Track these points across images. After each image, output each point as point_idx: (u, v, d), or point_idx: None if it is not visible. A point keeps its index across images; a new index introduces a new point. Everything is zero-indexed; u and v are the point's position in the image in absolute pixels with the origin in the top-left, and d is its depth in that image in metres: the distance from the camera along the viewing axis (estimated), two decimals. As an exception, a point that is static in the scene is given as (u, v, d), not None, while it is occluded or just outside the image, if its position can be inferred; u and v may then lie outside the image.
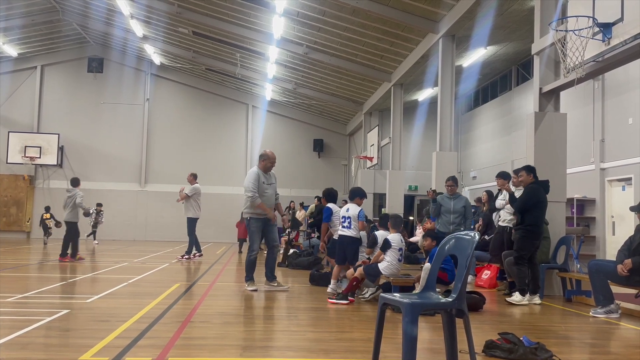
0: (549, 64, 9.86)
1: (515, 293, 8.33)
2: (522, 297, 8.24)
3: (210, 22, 19.65)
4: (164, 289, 8.74)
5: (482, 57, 18.34)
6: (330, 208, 9.32)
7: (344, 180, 29.17)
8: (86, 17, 23.37)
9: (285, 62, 21.81)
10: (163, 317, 6.29)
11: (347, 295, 7.83)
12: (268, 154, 8.94)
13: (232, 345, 5.17)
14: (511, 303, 8.20)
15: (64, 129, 26.79)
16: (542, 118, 9.69)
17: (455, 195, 10.34)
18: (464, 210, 10.18)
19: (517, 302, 8.19)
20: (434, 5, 14.02)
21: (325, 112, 28.54)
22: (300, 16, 17.03)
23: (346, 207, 8.47)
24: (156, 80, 28.18)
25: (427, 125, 24.10)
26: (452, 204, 10.22)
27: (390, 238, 7.96)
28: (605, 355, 5.28)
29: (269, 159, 8.87)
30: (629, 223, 12.90)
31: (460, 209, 10.15)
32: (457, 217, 10.10)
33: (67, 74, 27.61)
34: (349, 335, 5.78)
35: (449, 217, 10.16)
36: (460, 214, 10.15)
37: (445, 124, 14.68)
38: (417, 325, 3.78)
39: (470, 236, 4.01)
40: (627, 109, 13.88)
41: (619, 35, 7.57)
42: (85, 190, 26.78)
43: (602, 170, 14.61)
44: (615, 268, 7.07)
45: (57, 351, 4.72)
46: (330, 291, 8.13)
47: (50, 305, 7.03)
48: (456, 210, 10.15)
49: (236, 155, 28.37)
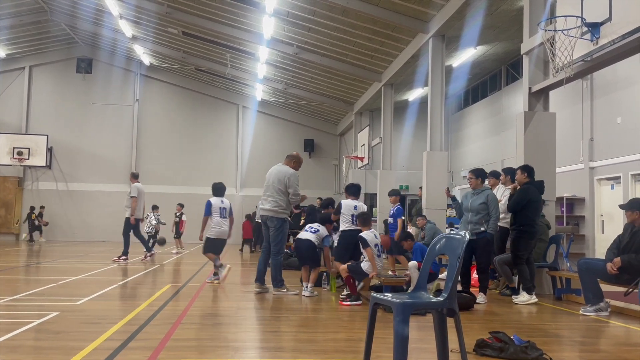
0: (538, 63, 9.91)
1: (522, 293, 8.34)
2: (530, 297, 8.25)
3: (200, 22, 19.59)
4: (154, 291, 8.71)
5: (472, 57, 18.40)
6: (210, 202, 10.03)
7: (335, 180, 29.18)
8: (75, 17, 23.22)
9: (275, 62, 21.78)
10: (154, 319, 6.26)
11: (358, 296, 7.89)
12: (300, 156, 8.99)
13: (223, 346, 5.15)
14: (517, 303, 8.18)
15: (52, 130, 26.61)
16: (532, 117, 9.74)
17: (478, 191, 8.60)
18: (484, 207, 8.42)
19: (524, 302, 8.19)
20: (424, 5, 14.05)
21: (316, 112, 28.54)
22: (291, 16, 17.02)
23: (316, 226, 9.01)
24: (146, 81, 28.05)
25: (417, 125, 24.16)
26: (471, 202, 8.64)
27: (364, 235, 8.05)
28: (595, 353, 5.31)
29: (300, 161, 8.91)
30: (618, 222, 13.00)
31: (478, 207, 8.44)
32: (475, 216, 8.44)
33: (55, 75, 27.43)
34: (341, 335, 5.78)
35: (467, 216, 8.64)
36: (479, 213, 8.43)
37: (436, 124, 14.72)
38: (409, 325, 3.78)
39: (461, 236, 4.02)
40: (615, 108, 13.99)
41: (607, 35, 7.62)
42: (75, 192, 26.81)
43: (591, 169, 14.71)
44: (605, 266, 7.12)
45: (47, 354, 4.68)
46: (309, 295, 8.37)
47: (40, 307, 6.98)
48: (474, 208, 8.49)
49: (227, 156, 28.30)
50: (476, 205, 8.46)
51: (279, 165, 8.79)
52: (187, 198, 24.33)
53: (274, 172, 8.71)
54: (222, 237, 10.20)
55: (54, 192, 26.73)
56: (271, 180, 8.63)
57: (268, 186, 8.63)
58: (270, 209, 8.53)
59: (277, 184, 8.54)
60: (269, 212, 8.54)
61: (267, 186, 8.64)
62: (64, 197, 26.26)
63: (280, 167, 8.74)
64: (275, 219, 8.52)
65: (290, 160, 8.81)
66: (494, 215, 8.43)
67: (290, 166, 8.75)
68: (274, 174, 8.67)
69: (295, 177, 8.65)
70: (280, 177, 8.57)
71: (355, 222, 8.52)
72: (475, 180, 8.63)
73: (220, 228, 10.13)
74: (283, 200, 8.54)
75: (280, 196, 8.52)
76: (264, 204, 8.62)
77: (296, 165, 8.80)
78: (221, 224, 10.14)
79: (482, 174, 8.70)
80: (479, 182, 8.62)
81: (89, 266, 13.11)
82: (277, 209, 8.52)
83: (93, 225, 25.52)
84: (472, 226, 8.41)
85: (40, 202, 25.88)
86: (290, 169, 8.69)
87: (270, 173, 8.75)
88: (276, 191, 8.52)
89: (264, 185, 8.73)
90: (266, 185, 8.68)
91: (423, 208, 14.37)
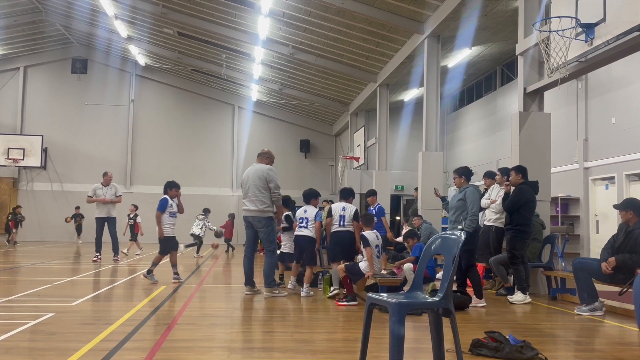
0: (533, 64, 9.94)
1: (517, 292, 8.37)
2: (524, 296, 8.28)
3: (195, 23, 19.56)
4: (150, 291, 8.69)
5: (467, 58, 18.44)
6: (167, 199, 10.09)
7: (331, 181, 29.19)
8: (70, 17, 23.15)
9: (271, 62, 21.77)
10: (149, 320, 6.26)
11: (354, 296, 7.93)
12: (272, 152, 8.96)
13: (219, 347, 5.15)
14: (513, 303, 8.21)
15: (47, 130, 26.50)
16: (527, 118, 9.77)
17: (462, 189, 8.24)
18: (462, 204, 8.05)
19: (520, 302, 8.22)
20: (419, 6, 14.07)
21: (311, 112, 28.54)
22: (286, 17, 17.01)
23: (303, 208, 9.14)
24: (141, 81, 27.99)
25: (412, 125, 24.21)
26: (450, 200, 8.59)
27: (366, 234, 8.10)
28: (590, 352, 5.33)
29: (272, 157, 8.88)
30: (613, 221, 13.05)
31: (456, 204, 8.15)
32: (453, 215, 8.19)
33: (50, 75, 27.33)
34: (337, 335, 5.79)
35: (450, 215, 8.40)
36: (457, 210, 8.12)
37: (431, 124, 14.75)
38: (404, 325, 3.79)
39: (456, 236, 4.03)
40: (610, 108, 14.04)
41: (601, 36, 7.66)
42: (69, 193, 26.70)
43: (585, 169, 14.76)
44: (600, 266, 7.15)
45: (42, 355, 4.67)
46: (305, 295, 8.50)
47: (35, 308, 6.96)
48: (452, 206, 8.26)
49: (222, 157, 28.26)
50: (454, 202, 8.21)
51: (253, 166, 8.73)
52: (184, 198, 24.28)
53: (250, 172, 8.63)
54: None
55: (48, 192, 26.63)
56: (250, 181, 8.51)
57: (249, 187, 8.50)
58: (256, 209, 8.43)
59: (257, 181, 8.45)
60: (255, 213, 8.44)
61: (248, 187, 8.51)
62: (59, 198, 26.17)
63: (256, 166, 8.68)
64: (262, 219, 8.44)
65: (263, 158, 8.76)
66: (470, 212, 7.91)
67: (265, 163, 8.73)
68: (251, 174, 8.59)
69: (273, 171, 8.62)
70: (259, 174, 8.49)
71: (343, 224, 8.61)
72: (459, 179, 8.35)
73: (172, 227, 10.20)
74: (266, 197, 8.46)
75: (262, 193, 8.44)
76: (249, 205, 8.50)
77: (269, 162, 8.76)
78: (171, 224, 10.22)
79: (465, 172, 8.39)
80: (462, 181, 8.29)
81: (84, 267, 13.08)
82: (262, 207, 8.43)
83: (88, 226, 25.35)
84: (451, 225, 8.20)
85: (35, 203, 25.82)
86: (265, 166, 8.66)
87: (247, 175, 8.64)
88: (258, 189, 8.43)
89: (243, 188, 8.62)
90: (246, 188, 8.54)
91: (419, 208, 14.41)
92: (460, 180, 8.34)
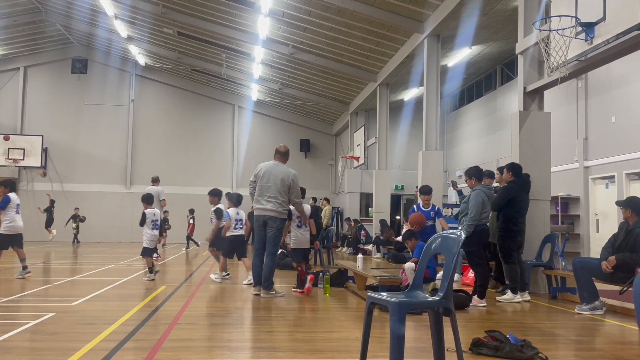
0: (532, 63, 9.94)
1: (507, 291, 8.37)
2: (514, 295, 8.28)
3: (195, 23, 19.56)
4: (150, 291, 8.69)
5: (467, 57, 18.44)
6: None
7: (331, 180, 29.19)
8: (70, 17, 23.16)
9: (271, 62, 21.77)
10: (150, 319, 6.26)
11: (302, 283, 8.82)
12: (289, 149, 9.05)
13: (219, 346, 5.15)
14: (502, 302, 8.22)
15: (47, 130, 26.51)
16: (527, 117, 9.76)
17: (471, 191, 8.30)
18: (465, 207, 8.15)
19: (508, 301, 8.22)
20: (419, 5, 14.07)
21: (311, 112, 28.54)
22: (286, 16, 17.01)
23: (235, 210, 10.25)
24: (141, 81, 27.99)
25: (412, 124, 24.22)
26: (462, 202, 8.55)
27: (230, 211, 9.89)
28: (590, 351, 5.33)
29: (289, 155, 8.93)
30: (613, 220, 13.05)
31: (462, 206, 8.31)
32: (462, 217, 8.21)
33: (50, 75, 27.34)
34: (337, 335, 5.79)
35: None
36: (462, 212, 8.25)
37: (431, 124, 14.74)
38: (405, 324, 3.79)
39: (456, 235, 4.03)
40: (610, 107, 14.04)
41: (601, 35, 7.65)
42: (70, 193, 26.72)
43: (585, 168, 14.76)
44: (600, 265, 7.15)
45: (42, 355, 4.67)
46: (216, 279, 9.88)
47: (35, 308, 6.96)
48: (460, 208, 8.37)
49: (222, 156, 28.26)
50: (462, 204, 8.34)
51: (276, 164, 8.55)
52: (184, 198, 24.34)
53: (272, 171, 8.44)
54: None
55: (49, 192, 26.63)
56: (272, 181, 8.36)
57: (269, 187, 8.34)
58: (273, 209, 8.34)
59: (280, 185, 8.35)
60: (271, 213, 8.33)
61: (268, 187, 8.35)
62: (59, 198, 26.15)
63: (280, 167, 8.53)
64: (277, 219, 8.37)
65: (285, 158, 8.70)
66: (469, 216, 7.98)
67: (284, 162, 8.69)
68: (273, 174, 8.40)
69: (298, 180, 8.62)
70: (284, 178, 8.39)
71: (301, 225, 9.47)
72: (469, 180, 8.38)
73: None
74: (285, 202, 8.45)
75: (283, 197, 8.38)
76: (265, 204, 8.35)
77: (286, 160, 8.79)
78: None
79: (475, 173, 8.38)
80: (473, 182, 8.32)
81: (84, 267, 13.08)
82: (280, 209, 8.38)
83: (88, 225, 25.37)
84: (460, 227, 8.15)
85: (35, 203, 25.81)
86: (291, 170, 8.60)
87: (267, 172, 8.43)
88: (279, 193, 8.34)
89: (260, 184, 8.40)
90: (266, 186, 8.36)
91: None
92: (471, 182, 8.40)
